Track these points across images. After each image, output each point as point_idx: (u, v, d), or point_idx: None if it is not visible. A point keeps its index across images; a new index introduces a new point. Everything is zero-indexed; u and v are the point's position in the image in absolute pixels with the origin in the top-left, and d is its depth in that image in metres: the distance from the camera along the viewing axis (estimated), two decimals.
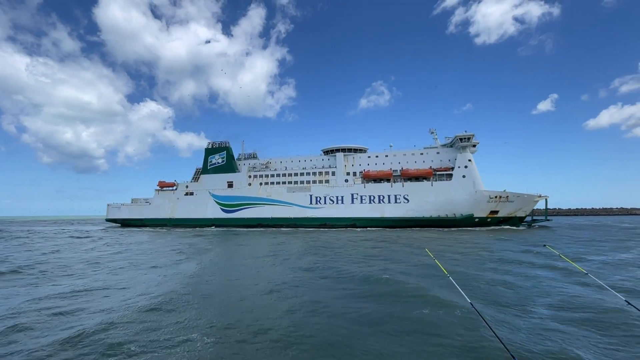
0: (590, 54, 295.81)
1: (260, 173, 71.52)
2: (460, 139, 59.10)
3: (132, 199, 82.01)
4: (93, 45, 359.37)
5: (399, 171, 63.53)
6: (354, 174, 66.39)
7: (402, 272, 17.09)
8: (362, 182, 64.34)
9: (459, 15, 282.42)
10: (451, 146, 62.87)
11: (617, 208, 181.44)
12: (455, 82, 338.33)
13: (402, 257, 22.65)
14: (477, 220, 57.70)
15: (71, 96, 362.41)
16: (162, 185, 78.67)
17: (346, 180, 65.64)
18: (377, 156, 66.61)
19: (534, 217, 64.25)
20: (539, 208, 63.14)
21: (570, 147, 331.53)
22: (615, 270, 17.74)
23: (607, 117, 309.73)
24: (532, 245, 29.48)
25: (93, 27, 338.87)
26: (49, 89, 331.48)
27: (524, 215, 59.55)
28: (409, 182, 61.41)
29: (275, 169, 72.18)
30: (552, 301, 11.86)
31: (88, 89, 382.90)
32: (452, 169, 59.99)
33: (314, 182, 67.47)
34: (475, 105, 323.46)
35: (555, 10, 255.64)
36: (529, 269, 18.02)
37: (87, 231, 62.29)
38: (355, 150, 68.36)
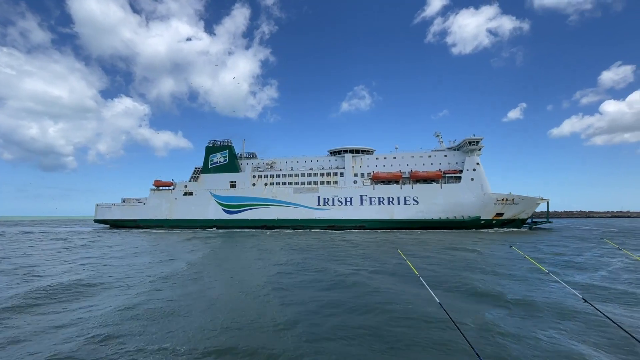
0: (556, 67, 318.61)
1: (265, 173, 69.58)
2: (469, 142, 60.26)
3: (124, 199, 77.39)
4: (65, 37, 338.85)
5: (407, 173, 63.92)
6: (362, 175, 66.06)
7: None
8: (371, 184, 64.13)
9: (437, 25, 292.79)
10: (458, 149, 64.07)
11: (577, 211, 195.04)
12: (432, 89, 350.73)
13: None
14: (483, 222, 59.08)
15: (39, 89, 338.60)
16: (158, 185, 74.73)
17: (355, 182, 65.21)
18: (385, 158, 66.67)
19: (534, 219, 66.73)
20: (538, 211, 65.50)
21: (536, 153, 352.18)
22: (587, 269, 19.02)
23: (569, 126, 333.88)
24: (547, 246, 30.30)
25: (66, 19, 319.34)
26: (14, 81, 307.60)
27: (526, 217, 61.64)
28: (418, 184, 61.90)
29: (280, 169, 70.48)
30: (517, 299, 12.41)
31: (58, 82, 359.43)
32: (460, 171, 61.10)
33: (322, 183, 66.50)
34: (451, 111, 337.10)
35: (525, 26, 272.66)
36: (505, 269, 19.09)
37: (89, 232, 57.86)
38: (363, 152, 68.10)
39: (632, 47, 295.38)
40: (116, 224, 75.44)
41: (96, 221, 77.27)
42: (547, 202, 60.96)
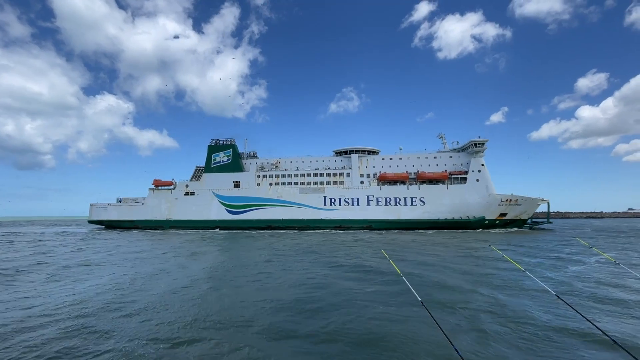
0: (536, 73, 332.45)
1: (270, 173, 68.62)
2: (475, 144, 61.41)
3: (120, 199, 74.50)
4: (46, 31, 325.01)
5: (413, 174, 64.49)
6: (368, 175, 66.19)
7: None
8: (377, 184, 64.30)
9: (424, 30, 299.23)
10: (462, 150, 65.17)
11: (554, 212, 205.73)
12: (418, 92, 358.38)
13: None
14: (487, 222, 60.27)
15: (17, 85, 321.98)
16: (158, 184, 72.42)
17: (361, 182, 65.22)
18: (391, 158, 67.03)
19: (534, 220, 68.62)
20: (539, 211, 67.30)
21: (515, 156, 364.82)
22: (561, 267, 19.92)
23: (547, 130, 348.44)
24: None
25: (47, 13, 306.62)
26: None
27: (527, 217, 63.39)
28: (424, 185, 62.51)
29: (285, 169, 69.70)
30: (494, 297, 12.75)
31: (38, 78, 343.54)
32: (466, 172, 62.13)
33: (328, 183, 66.18)
34: (437, 114, 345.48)
35: (508, 33, 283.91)
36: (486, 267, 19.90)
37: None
38: (369, 152, 68.26)
39: (606, 55, 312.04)
40: (112, 225, 72.55)
41: (91, 222, 74.12)
42: (548, 203, 62.91)
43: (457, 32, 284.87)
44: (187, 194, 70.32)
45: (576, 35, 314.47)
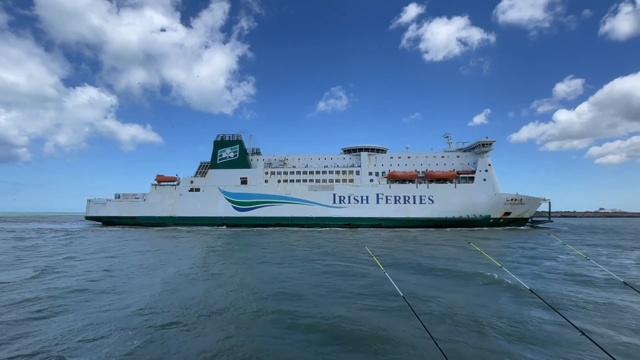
0: (517, 77, 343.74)
1: (278, 170, 67.86)
2: (482, 144, 62.81)
3: (120, 194, 71.80)
4: (24, 19, 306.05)
5: (421, 172, 65.36)
6: (377, 173, 66.56)
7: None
8: (387, 182, 64.78)
9: (411, 32, 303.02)
10: (470, 150, 66.55)
11: None
12: (405, 93, 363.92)
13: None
14: (492, 220, 61.96)
15: None
16: (161, 180, 70.26)
17: (371, 180, 65.52)
18: (399, 157, 67.65)
19: (534, 219, 71.05)
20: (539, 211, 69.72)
21: (498, 157, 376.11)
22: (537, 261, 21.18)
23: (526, 132, 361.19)
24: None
25: (26, 0, 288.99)
26: None
27: (529, 216, 65.64)
28: (433, 184, 63.48)
29: (294, 166, 69.10)
30: (472, 292, 13.40)
31: (14, 68, 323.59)
32: (473, 172, 63.52)
33: (337, 180, 66.12)
34: (423, 114, 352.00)
35: (492, 38, 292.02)
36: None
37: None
38: (377, 150, 68.63)
39: (582, 62, 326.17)
40: (111, 221, 69.89)
41: (88, 218, 71.22)
42: (549, 203, 65.30)
43: (443, 35, 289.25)
44: (192, 190, 68.58)
45: (555, 42, 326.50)
